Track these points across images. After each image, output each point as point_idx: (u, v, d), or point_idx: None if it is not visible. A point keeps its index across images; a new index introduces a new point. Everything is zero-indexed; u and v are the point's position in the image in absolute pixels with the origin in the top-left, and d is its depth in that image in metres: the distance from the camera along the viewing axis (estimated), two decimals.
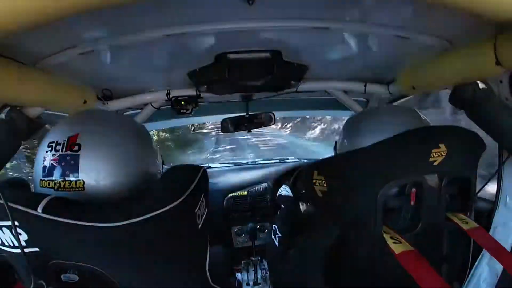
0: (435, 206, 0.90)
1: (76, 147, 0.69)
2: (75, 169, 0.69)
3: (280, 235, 1.20)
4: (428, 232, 0.91)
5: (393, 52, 1.21)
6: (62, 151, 0.70)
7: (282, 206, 1.44)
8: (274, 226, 1.24)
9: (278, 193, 1.48)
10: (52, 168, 0.69)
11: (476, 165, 0.97)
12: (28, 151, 4.49)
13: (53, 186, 0.69)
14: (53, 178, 0.69)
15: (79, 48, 0.97)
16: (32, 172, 0.76)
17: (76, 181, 0.69)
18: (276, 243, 1.18)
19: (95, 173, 0.70)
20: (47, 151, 0.71)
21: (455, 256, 1.00)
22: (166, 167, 0.98)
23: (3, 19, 0.48)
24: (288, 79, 1.38)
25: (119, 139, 0.75)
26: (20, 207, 0.59)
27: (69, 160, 0.69)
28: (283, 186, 1.50)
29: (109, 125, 0.77)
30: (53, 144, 0.71)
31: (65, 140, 0.70)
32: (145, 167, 0.80)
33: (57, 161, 0.69)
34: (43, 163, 0.71)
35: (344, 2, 0.86)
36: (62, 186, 0.69)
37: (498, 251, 0.83)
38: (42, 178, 0.70)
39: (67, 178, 0.69)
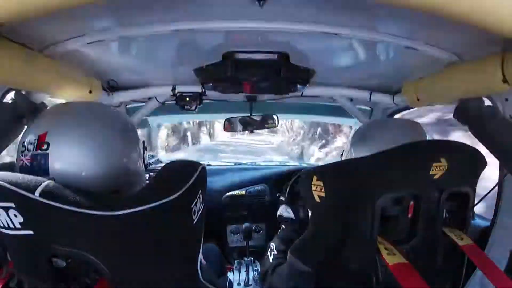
0: (432, 220, 0.90)
1: (45, 146, 0.70)
2: (45, 168, 0.69)
3: (276, 253, 1.20)
4: (423, 245, 0.90)
5: (401, 62, 1.21)
6: (33, 150, 0.70)
7: (283, 226, 1.44)
8: (271, 244, 1.24)
9: (278, 213, 1.49)
10: (27, 168, 0.70)
11: (476, 182, 0.96)
12: None
13: None
14: None
15: (88, 37, 0.97)
16: None
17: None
18: (271, 259, 1.19)
19: (65, 170, 0.70)
20: (22, 151, 0.72)
21: (449, 271, 0.99)
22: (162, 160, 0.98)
23: (14, 4, 0.48)
24: (294, 83, 1.38)
25: (91, 132, 0.74)
26: (17, 190, 0.59)
27: (39, 159, 0.69)
28: (284, 206, 1.50)
29: (80, 120, 0.76)
30: (26, 144, 0.72)
31: (35, 139, 0.71)
32: (122, 160, 0.79)
33: (30, 161, 0.70)
34: (20, 164, 0.71)
35: (354, 9, 0.86)
36: None
37: (491, 269, 0.82)
38: None
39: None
